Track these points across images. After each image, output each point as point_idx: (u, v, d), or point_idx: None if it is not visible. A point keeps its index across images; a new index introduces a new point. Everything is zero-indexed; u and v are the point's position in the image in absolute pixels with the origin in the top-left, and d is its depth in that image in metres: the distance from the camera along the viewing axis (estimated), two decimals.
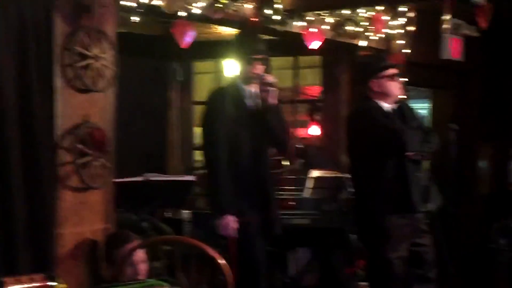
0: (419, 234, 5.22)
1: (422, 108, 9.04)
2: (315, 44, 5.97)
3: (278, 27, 5.69)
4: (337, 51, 6.95)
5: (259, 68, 4.93)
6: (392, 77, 5.24)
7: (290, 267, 6.65)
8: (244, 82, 4.99)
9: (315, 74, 7.53)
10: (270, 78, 4.93)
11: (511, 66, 8.60)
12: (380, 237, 5.12)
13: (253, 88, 4.97)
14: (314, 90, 7.82)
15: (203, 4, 5.19)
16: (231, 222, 4.78)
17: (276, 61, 7.34)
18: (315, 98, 7.65)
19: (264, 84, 4.91)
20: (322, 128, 7.32)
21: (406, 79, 6.89)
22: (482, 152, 8.61)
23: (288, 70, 7.38)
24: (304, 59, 7.53)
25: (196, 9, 5.15)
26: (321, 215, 6.28)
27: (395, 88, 5.26)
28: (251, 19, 5.44)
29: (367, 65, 5.38)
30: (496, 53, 8.53)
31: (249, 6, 5.53)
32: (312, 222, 6.28)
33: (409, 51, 6.88)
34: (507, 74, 8.63)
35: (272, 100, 4.92)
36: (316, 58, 7.33)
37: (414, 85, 7.39)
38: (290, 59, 7.42)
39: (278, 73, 7.28)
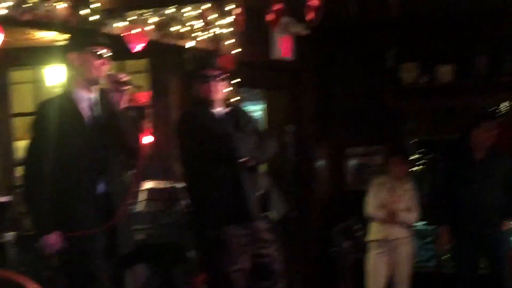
0: (262, 245, 4.94)
1: (257, 110, 8.83)
2: (138, 47, 5.57)
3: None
4: (165, 53, 6.58)
5: (104, 67, 4.36)
6: (216, 79, 4.94)
7: (127, 286, 6.24)
8: (82, 86, 4.40)
9: (144, 79, 7.10)
10: (124, 77, 4.44)
11: (341, 65, 8.54)
12: (217, 250, 4.83)
13: (93, 93, 4.41)
14: (144, 96, 7.40)
15: (10, 3, 4.65)
16: (53, 240, 4.32)
17: None
18: (145, 104, 7.23)
19: (118, 84, 4.41)
20: (153, 136, 6.91)
21: (238, 80, 6.65)
22: (318, 153, 8.47)
23: None
24: (131, 64, 7.09)
25: (1, 10, 4.61)
26: (157, 229, 5.91)
27: (220, 91, 4.98)
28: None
29: (195, 67, 5.08)
30: (326, 52, 8.43)
31: (62, 6, 5.03)
32: (147, 237, 5.89)
33: (239, 50, 6.60)
34: (337, 72, 8.56)
35: (123, 103, 4.45)
36: (143, 62, 6.92)
37: (247, 86, 7.15)
38: (115, 64, 6.96)
39: None
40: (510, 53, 7.76)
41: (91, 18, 5.10)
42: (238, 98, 6.59)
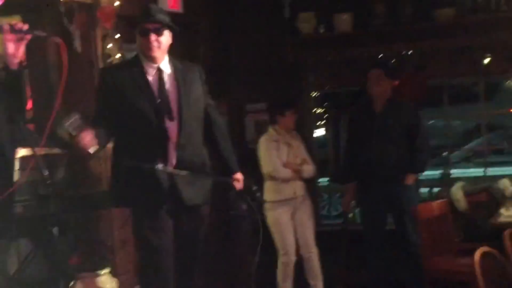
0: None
1: None
2: None
3: None
4: (39, 8, 6.03)
5: None
6: (143, 32, 4.62)
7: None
8: None
9: None
10: (21, 25, 3.80)
11: (237, 16, 8.09)
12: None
13: None
14: None
15: None
16: None
17: None
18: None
19: (15, 34, 3.76)
20: (31, 99, 6.39)
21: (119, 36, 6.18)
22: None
23: None
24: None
25: None
26: (36, 201, 5.43)
27: (160, 46, 4.65)
28: None
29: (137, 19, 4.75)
30: (221, 2, 7.96)
31: None
32: (26, 210, 5.40)
33: (118, 3, 6.10)
34: (234, 24, 8.10)
35: (20, 56, 3.85)
36: (16, 20, 6.31)
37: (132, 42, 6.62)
38: None
39: None
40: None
41: None
42: (120, 54, 6.12)
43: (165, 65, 4.68)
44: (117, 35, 6.09)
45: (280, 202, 6.79)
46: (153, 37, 4.56)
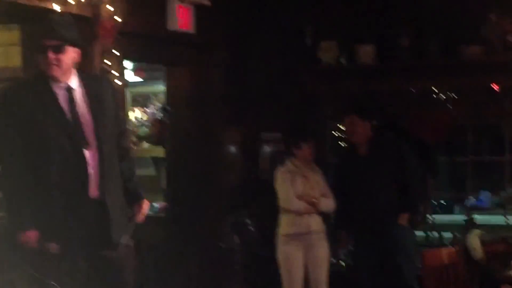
0: None
1: (158, 90, 8.07)
2: None
3: None
4: (37, 20, 5.77)
5: None
6: (41, 49, 4.09)
7: None
8: None
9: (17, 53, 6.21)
10: None
11: (254, 41, 7.76)
12: None
13: None
14: None
15: None
16: None
17: None
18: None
19: None
20: None
21: (117, 53, 5.89)
22: (228, 137, 7.69)
23: None
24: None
25: None
26: None
27: (62, 65, 4.10)
28: None
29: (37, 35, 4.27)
30: (237, 26, 7.64)
31: None
32: None
33: (118, 19, 5.81)
34: (251, 49, 7.77)
35: None
36: (16, 33, 6.07)
37: (135, 61, 6.34)
38: None
39: None
40: (433, 34, 7.05)
41: None
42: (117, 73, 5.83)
43: (74, 83, 4.18)
44: (117, 52, 5.80)
45: (293, 236, 6.45)
46: (51, 55, 4.07)
